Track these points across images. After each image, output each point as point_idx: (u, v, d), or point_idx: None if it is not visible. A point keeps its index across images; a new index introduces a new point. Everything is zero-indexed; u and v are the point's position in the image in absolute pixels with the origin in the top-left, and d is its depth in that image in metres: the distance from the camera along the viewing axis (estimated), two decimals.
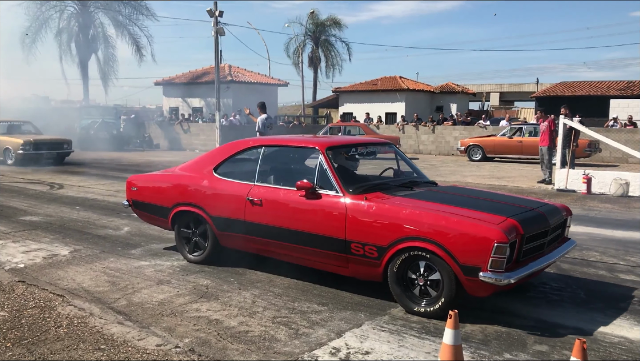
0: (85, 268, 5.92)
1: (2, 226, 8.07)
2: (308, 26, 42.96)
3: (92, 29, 32.79)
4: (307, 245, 5.16)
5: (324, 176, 5.15)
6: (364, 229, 4.77)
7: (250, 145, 6.06)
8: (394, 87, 34.91)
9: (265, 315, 4.61)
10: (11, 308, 4.67)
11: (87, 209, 9.56)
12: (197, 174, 6.15)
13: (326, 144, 5.41)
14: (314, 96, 45.40)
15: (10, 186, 12.62)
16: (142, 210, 6.71)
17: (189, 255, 6.19)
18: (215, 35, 24.96)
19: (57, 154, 18.55)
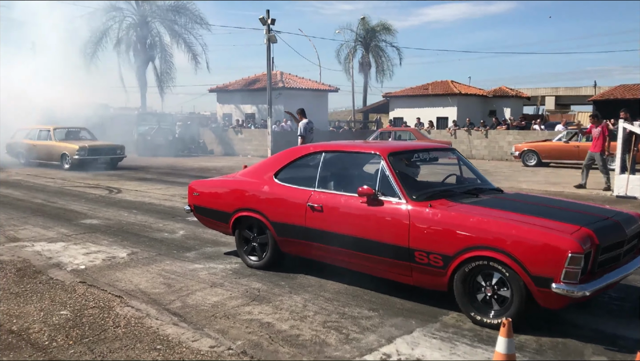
0: (142, 270, 6.11)
1: (64, 228, 8.41)
2: (358, 32, 43.02)
3: (149, 38, 33.80)
4: (368, 252, 5.09)
5: (386, 182, 5.09)
6: (429, 237, 4.67)
7: (311, 151, 6.07)
8: (445, 92, 34.48)
9: (316, 319, 4.64)
10: (73, 308, 4.86)
11: (144, 213, 9.85)
12: (258, 179, 6.20)
13: (388, 150, 5.35)
14: (364, 101, 45.39)
15: (72, 190, 13.14)
16: (203, 215, 6.81)
17: (250, 260, 6.23)
18: (267, 42, 25.32)
19: (110, 159, 19.21)
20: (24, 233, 8.07)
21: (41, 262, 6.41)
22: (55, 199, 11.59)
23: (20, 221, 9.00)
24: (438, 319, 4.66)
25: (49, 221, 9.04)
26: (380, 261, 5.04)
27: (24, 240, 7.56)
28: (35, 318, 4.60)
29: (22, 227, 8.49)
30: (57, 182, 14.86)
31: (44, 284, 5.55)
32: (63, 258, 6.62)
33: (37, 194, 12.27)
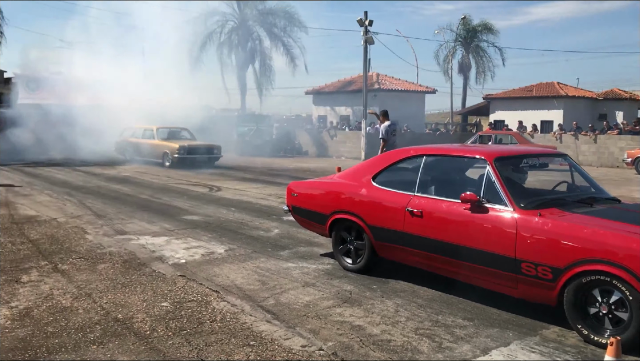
0: (238, 267, 6.28)
1: (167, 223, 8.83)
2: (459, 32, 42.02)
3: (250, 41, 34.86)
4: (470, 261, 4.88)
5: (492, 188, 4.87)
6: (537, 248, 4.40)
7: (411, 154, 5.92)
8: (550, 94, 32.88)
9: (408, 325, 4.54)
10: (173, 300, 5.08)
11: (241, 211, 10.14)
12: (356, 182, 6.15)
13: (494, 155, 5.13)
14: (463, 103, 44.24)
15: (175, 187, 13.80)
16: (300, 216, 6.86)
17: (346, 263, 6.17)
18: (364, 44, 25.34)
19: (208, 158, 20.12)
20: (131, 226, 8.55)
21: (145, 255, 6.76)
22: (160, 195, 12.21)
23: (127, 215, 9.56)
24: (537, 332, 4.42)
25: (153, 216, 9.53)
26: (483, 271, 4.82)
27: (131, 233, 8.01)
28: (138, 308, 4.84)
29: (129, 221, 9.00)
30: (162, 179, 15.66)
31: (147, 276, 5.84)
32: (165, 251, 6.94)
33: (143, 190, 12.99)
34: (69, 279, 5.69)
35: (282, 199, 11.63)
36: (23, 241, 7.35)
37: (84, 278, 5.71)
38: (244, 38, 34.46)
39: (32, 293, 5.22)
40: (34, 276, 5.76)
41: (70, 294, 5.20)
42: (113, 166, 19.69)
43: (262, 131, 28.70)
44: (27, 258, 6.49)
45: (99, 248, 7.05)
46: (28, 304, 4.91)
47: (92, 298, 5.10)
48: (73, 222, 8.82)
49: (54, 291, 5.29)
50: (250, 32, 34.87)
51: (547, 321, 4.61)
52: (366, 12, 24.99)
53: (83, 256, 6.64)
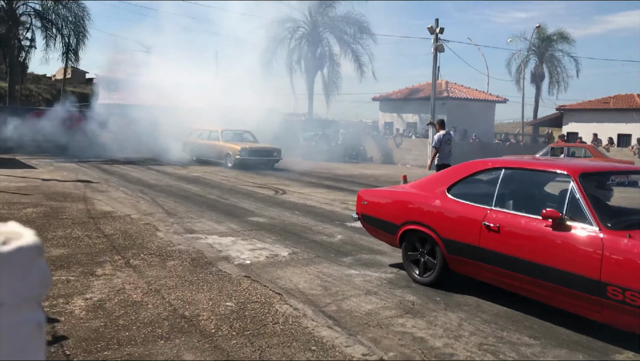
0: (301, 270, 6.34)
1: (234, 224, 9.03)
2: (533, 41, 40.87)
3: (319, 47, 35.19)
4: (550, 281, 4.66)
5: (576, 206, 4.64)
6: (626, 271, 4.12)
7: (489, 166, 5.75)
8: (629, 106, 31.40)
9: (472, 340, 4.46)
10: (237, 300, 5.19)
11: (305, 215, 10.25)
12: (429, 193, 6.00)
13: (579, 170, 4.88)
14: (535, 113, 42.95)
15: (242, 188, 14.09)
16: (370, 224, 6.77)
17: (416, 275, 6.02)
18: (434, 52, 25.07)
19: (268, 160, 20.70)
20: (199, 225, 8.81)
21: (212, 254, 6.94)
22: (227, 196, 12.51)
23: (197, 214, 9.85)
24: (610, 357, 4.24)
25: (221, 216, 9.77)
26: (563, 292, 4.59)
27: (199, 232, 8.25)
28: (204, 306, 4.98)
29: (198, 220, 9.27)
30: (230, 180, 16.03)
31: (213, 275, 6.00)
32: (231, 252, 7.11)
33: (212, 191, 13.34)
34: (140, 274, 5.92)
35: (345, 205, 11.67)
36: (98, 236, 7.71)
37: (154, 274, 5.93)
38: (314, 44, 34.83)
39: (106, 286, 5.47)
40: (107, 270, 6.03)
41: (141, 289, 5.42)
42: (184, 166, 20.33)
43: (327, 136, 28.89)
44: (101, 252, 6.80)
45: (169, 246, 7.30)
46: (101, 296, 5.14)
47: (161, 294, 5.29)
48: (145, 219, 9.17)
49: (125, 285, 5.52)
50: (320, 39, 35.20)
51: (621, 346, 4.42)
52: (437, 20, 24.75)
53: (154, 252, 6.90)
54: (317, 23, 35.23)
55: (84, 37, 28.94)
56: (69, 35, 28.11)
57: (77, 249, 6.90)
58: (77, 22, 28.38)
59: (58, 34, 28.21)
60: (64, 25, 28.23)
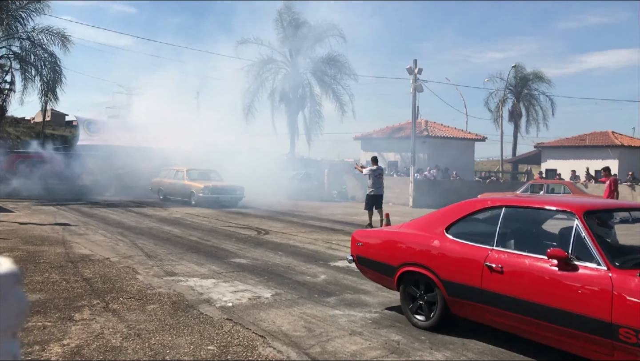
0: (284, 312, 6.25)
1: (215, 266, 8.92)
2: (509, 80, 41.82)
3: (300, 88, 35.59)
4: (558, 324, 4.50)
5: (581, 244, 4.53)
6: (639, 313, 3.99)
7: (489, 205, 5.59)
8: (605, 143, 32.08)
9: None
10: (219, 344, 5.08)
11: (288, 255, 10.16)
12: (427, 233, 5.82)
13: (584, 208, 4.77)
14: (514, 151, 43.63)
15: (224, 230, 13.97)
16: (365, 266, 6.57)
17: (416, 320, 5.80)
18: (413, 91, 25.48)
19: (230, 198, 21.50)
20: (180, 268, 8.68)
21: (193, 297, 6.82)
22: (209, 237, 12.38)
23: (177, 256, 9.71)
24: None
25: (202, 258, 9.65)
26: (572, 335, 4.42)
27: (180, 275, 8.12)
28: (185, 351, 4.86)
29: (179, 262, 9.14)
30: (211, 221, 15.90)
31: (194, 319, 5.88)
32: (213, 294, 6.99)
33: (193, 232, 13.20)
34: (119, 318, 5.79)
35: (329, 245, 11.61)
36: (77, 280, 7.55)
37: (133, 318, 5.80)
38: (295, 85, 35.22)
39: (84, 331, 5.33)
40: (86, 315, 5.88)
41: (120, 333, 5.28)
42: (164, 208, 20.16)
43: (310, 175, 28.94)
44: (80, 296, 6.65)
45: (149, 289, 7.16)
46: (79, 342, 5.00)
47: (141, 338, 5.16)
48: (125, 262, 9.02)
49: (104, 330, 5.38)
50: (301, 80, 35.62)
51: None
52: (415, 60, 25.25)
53: (133, 296, 6.76)
54: (298, 65, 35.71)
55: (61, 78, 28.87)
56: (47, 76, 28.04)
57: (55, 293, 6.74)
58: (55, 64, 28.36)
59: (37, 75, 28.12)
60: (42, 66, 28.18)
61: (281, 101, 35.73)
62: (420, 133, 31.06)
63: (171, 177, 23.23)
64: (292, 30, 34.82)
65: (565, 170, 30.01)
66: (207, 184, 21.26)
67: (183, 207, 20.60)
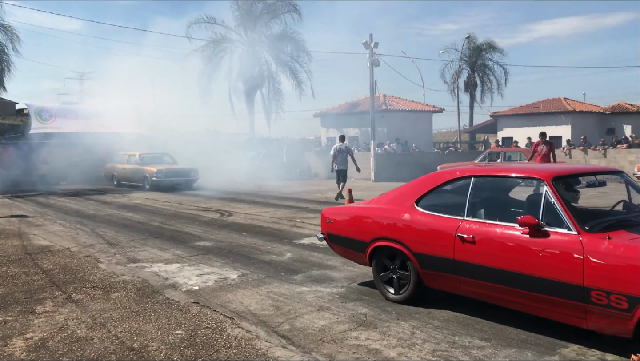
0: (251, 292, 6.25)
1: (179, 250, 8.84)
2: (464, 51, 42.29)
3: (257, 67, 35.21)
4: (532, 290, 4.54)
5: (552, 210, 4.56)
6: (609, 275, 4.04)
7: (458, 176, 5.57)
8: (558, 110, 32.89)
9: (425, 347, 4.50)
10: (187, 328, 5.06)
11: (253, 236, 10.14)
12: (397, 207, 5.80)
13: (552, 174, 4.79)
14: (471, 121, 44.34)
15: (187, 213, 13.83)
16: (337, 243, 6.53)
17: (389, 294, 5.82)
18: (370, 66, 25.49)
19: (184, 180, 21.51)
20: (143, 254, 8.57)
21: (158, 282, 6.76)
22: (171, 222, 12.24)
23: (140, 242, 9.58)
24: (556, 351, 4.36)
25: (165, 243, 9.55)
26: (546, 301, 4.48)
27: (143, 261, 8.02)
28: (153, 337, 4.83)
29: (142, 248, 9.02)
30: (173, 205, 15.71)
31: (161, 304, 5.83)
32: (178, 278, 6.94)
33: (155, 217, 13.03)
34: (83, 309, 5.69)
35: (293, 223, 11.63)
36: (37, 272, 7.38)
37: (98, 308, 5.72)
38: (252, 64, 34.79)
39: (47, 323, 5.23)
40: (48, 307, 5.77)
41: (85, 324, 5.20)
42: (123, 194, 19.81)
43: (271, 154, 28.78)
44: (41, 289, 6.51)
45: (112, 277, 7.06)
46: (43, 335, 4.91)
47: (107, 327, 5.10)
48: (86, 251, 8.85)
49: (68, 321, 5.29)
50: (258, 59, 35.22)
51: (566, 339, 4.56)
52: (371, 35, 25.19)
53: (97, 285, 6.66)
54: (254, 43, 35.26)
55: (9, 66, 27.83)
56: None
57: (14, 287, 6.57)
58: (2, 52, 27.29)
59: None
60: None
61: (238, 81, 35.32)
62: (379, 107, 31.19)
63: (124, 162, 23.05)
64: (247, 7, 34.33)
65: (521, 137, 30.69)
66: (161, 167, 21.26)
67: (142, 192, 20.31)
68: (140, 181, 21.82)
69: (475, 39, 42.53)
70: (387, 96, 35.94)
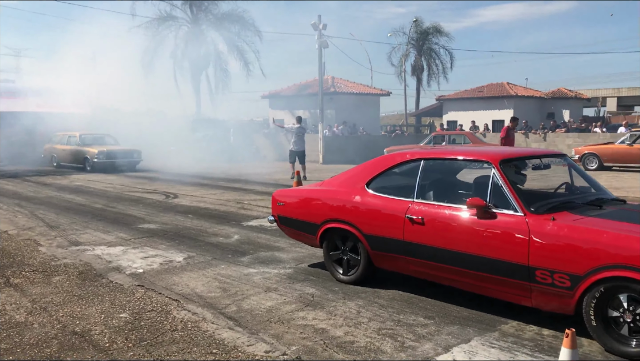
0: (198, 274, 6.20)
1: (123, 233, 8.65)
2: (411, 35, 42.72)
3: (204, 46, 34.52)
4: (479, 270, 4.64)
5: (499, 192, 4.65)
6: (553, 254, 4.18)
7: (407, 158, 5.62)
8: (501, 94, 33.79)
9: (370, 326, 4.58)
10: (132, 311, 4.98)
11: (199, 218, 10.03)
12: (348, 189, 5.84)
13: (499, 157, 4.90)
14: (417, 104, 44.96)
15: (130, 195, 13.53)
16: (288, 226, 6.53)
17: (339, 275, 5.86)
18: (319, 48, 25.43)
19: (127, 162, 21.17)
20: (85, 237, 8.34)
21: (101, 265, 6.61)
22: (114, 204, 11.95)
23: (81, 225, 9.32)
24: (497, 328, 4.53)
25: (108, 225, 9.32)
26: (493, 280, 4.60)
27: (85, 244, 7.81)
28: (96, 320, 4.73)
29: (84, 231, 8.78)
30: (116, 187, 15.34)
31: (104, 287, 5.70)
32: (122, 261, 6.80)
33: (97, 200, 12.69)
34: (22, 293, 5.51)
35: (241, 205, 11.56)
36: None
37: (38, 292, 5.54)
38: (198, 42, 34.08)
39: None
40: None
41: (24, 308, 5.04)
42: (64, 175, 19.19)
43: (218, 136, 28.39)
44: None
45: (53, 260, 6.85)
46: None
47: (48, 311, 4.96)
48: (25, 234, 8.54)
49: (6, 306, 5.11)
50: (204, 37, 34.52)
51: (506, 316, 4.73)
52: (320, 16, 25.09)
53: (36, 269, 6.44)
54: (199, 21, 34.53)
55: None
56: None
57: None
58: None
59: None
60: None
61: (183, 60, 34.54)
62: (327, 90, 31.24)
63: (64, 142, 22.47)
64: None
65: (465, 121, 31.39)
66: (102, 148, 20.85)
67: (84, 174, 19.73)
68: (81, 163, 21.34)
69: (423, 22, 43.02)
70: (336, 78, 36.02)
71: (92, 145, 21.32)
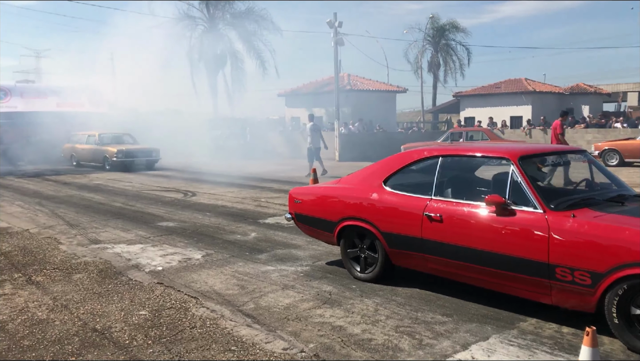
0: (216, 272, 6.24)
1: (142, 231, 8.73)
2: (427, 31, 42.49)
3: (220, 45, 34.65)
4: (498, 268, 4.60)
5: (518, 189, 4.62)
6: (574, 251, 4.12)
7: (425, 155, 5.58)
8: (518, 90, 33.49)
9: (388, 323, 4.58)
10: (151, 308, 5.03)
11: (217, 216, 10.09)
12: (365, 186, 5.83)
13: (518, 154, 4.84)
14: (434, 101, 44.75)
15: (149, 194, 13.65)
16: (305, 223, 6.52)
17: (357, 273, 5.85)
18: (334, 45, 25.41)
19: (146, 160, 21.36)
20: (105, 235, 8.44)
21: (121, 263, 6.68)
22: (133, 202, 12.07)
23: (101, 223, 9.43)
24: (515, 325, 4.50)
25: (127, 223, 9.42)
26: (512, 278, 4.56)
27: (105, 242, 7.90)
28: (116, 318, 4.79)
29: (103, 229, 8.88)
30: (135, 186, 15.48)
31: (124, 285, 5.77)
32: (141, 259, 6.87)
33: (116, 198, 12.82)
34: (44, 291, 5.60)
35: (258, 203, 11.61)
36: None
37: (59, 289, 5.62)
38: (215, 42, 34.24)
39: (6, 306, 5.12)
40: (7, 289, 5.65)
41: (46, 306, 5.12)
42: (84, 174, 19.43)
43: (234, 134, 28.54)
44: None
45: (73, 258, 6.94)
46: (2, 318, 4.81)
47: (69, 309, 5.03)
48: (46, 232, 8.67)
49: (29, 303, 5.20)
50: (220, 36, 34.66)
51: (525, 314, 4.70)
52: (335, 14, 25.07)
53: (57, 266, 6.54)
54: (216, 20, 34.67)
55: None
56: None
57: None
58: None
59: None
60: None
61: (200, 59, 34.72)
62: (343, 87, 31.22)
63: (83, 142, 22.75)
64: None
65: (483, 117, 31.18)
66: (121, 147, 21.03)
67: (103, 173, 19.96)
68: (101, 162, 21.52)
69: (439, 18, 42.77)
70: (352, 75, 35.98)
71: (111, 144, 21.55)
